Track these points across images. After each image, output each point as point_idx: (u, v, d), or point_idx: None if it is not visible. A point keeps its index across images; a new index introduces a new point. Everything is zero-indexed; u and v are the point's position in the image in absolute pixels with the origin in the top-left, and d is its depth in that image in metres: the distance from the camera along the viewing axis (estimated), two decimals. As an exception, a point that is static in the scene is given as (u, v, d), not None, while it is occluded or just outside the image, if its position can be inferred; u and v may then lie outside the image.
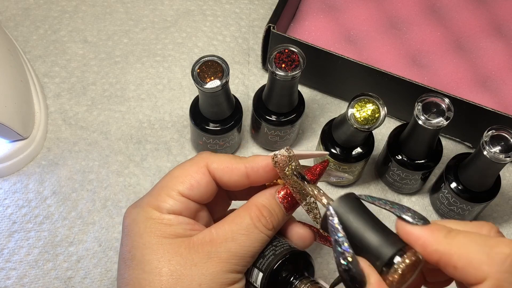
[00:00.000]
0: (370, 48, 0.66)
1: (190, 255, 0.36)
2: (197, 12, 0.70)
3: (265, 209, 0.39)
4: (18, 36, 0.66)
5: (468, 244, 0.31)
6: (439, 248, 0.31)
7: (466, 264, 0.30)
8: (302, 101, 0.58)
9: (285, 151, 0.38)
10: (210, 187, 0.40)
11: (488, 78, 0.65)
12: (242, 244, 0.37)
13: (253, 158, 0.40)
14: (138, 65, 0.66)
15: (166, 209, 0.38)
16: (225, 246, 0.37)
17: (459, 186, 0.54)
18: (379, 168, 0.60)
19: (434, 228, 0.32)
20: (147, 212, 0.38)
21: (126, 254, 0.38)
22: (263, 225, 0.38)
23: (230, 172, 0.39)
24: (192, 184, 0.39)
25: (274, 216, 0.39)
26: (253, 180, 0.40)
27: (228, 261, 0.37)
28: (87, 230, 0.56)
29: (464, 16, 0.69)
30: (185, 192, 0.39)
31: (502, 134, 0.49)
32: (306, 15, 0.67)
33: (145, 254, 0.37)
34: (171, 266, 0.36)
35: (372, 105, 0.50)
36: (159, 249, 0.37)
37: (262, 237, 0.38)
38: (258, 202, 0.39)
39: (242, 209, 0.39)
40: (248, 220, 0.38)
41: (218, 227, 0.38)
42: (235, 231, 0.37)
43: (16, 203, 0.57)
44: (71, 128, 0.61)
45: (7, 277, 0.54)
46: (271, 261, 0.39)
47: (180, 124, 0.62)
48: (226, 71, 0.50)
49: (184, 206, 0.39)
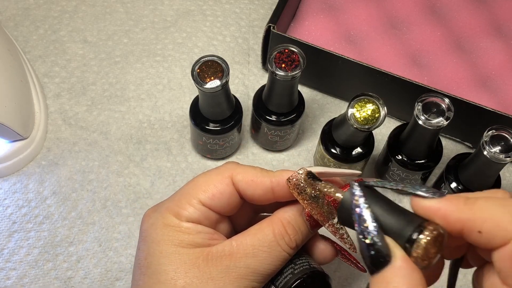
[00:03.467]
0: (370, 48, 0.66)
1: (207, 268, 0.35)
2: (197, 12, 0.70)
3: (290, 226, 0.37)
4: (18, 36, 0.66)
5: (490, 207, 0.30)
6: (461, 216, 0.30)
7: (492, 226, 0.30)
8: (302, 101, 0.58)
9: (299, 174, 0.36)
10: (233, 199, 0.38)
11: (488, 78, 0.65)
12: (263, 261, 0.36)
13: (280, 173, 0.38)
14: (138, 65, 0.66)
15: (185, 217, 0.37)
16: (244, 262, 0.36)
17: (459, 186, 0.54)
18: (379, 168, 0.60)
19: (451, 198, 0.31)
20: (165, 218, 0.37)
21: (142, 261, 0.37)
22: (286, 243, 0.37)
23: (254, 186, 0.38)
24: (214, 194, 0.38)
25: (298, 234, 0.38)
26: (278, 195, 0.38)
27: (246, 277, 0.36)
28: (87, 230, 0.56)
29: (464, 16, 0.69)
30: (206, 202, 0.37)
31: (502, 134, 0.49)
32: (306, 15, 0.67)
33: (161, 263, 0.36)
34: (187, 278, 0.35)
35: (372, 105, 0.50)
36: (176, 259, 0.36)
37: (283, 256, 0.37)
38: (284, 218, 0.37)
39: (266, 223, 0.37)
40: (271, 237, 0.36)
41: (239, 240, 0.37)
42: (256, 247, 0.36)
43: (16, 203, 0.57)
44: (71, 128, 0.61)
45: (7, 277, 0.53)
46: (289, 280, 0.38)
47: (180, 124, 0.62)
48: (226, 71, 0.50)
49: (203, 216, 0.38)
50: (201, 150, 0.60)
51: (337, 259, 0.42)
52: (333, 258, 0.41)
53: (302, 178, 0.36)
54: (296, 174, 0.37)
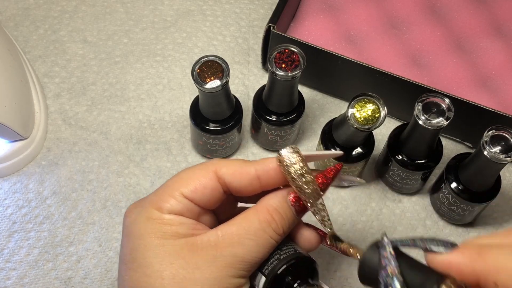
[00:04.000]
0: (370, 48, 0.66)
1: (193, 258, 0.35)
2: (197, 12, 0.70)
3: (276, 213, 0.37)
4: (18, 36, 0.66)
5: (504, 257, 0.30)
6: (475, 268, 0.31)
7: (507, 278, 0.29)
8: (302, 101, 0.58)
9: (289, 148, 0.37)
10: (216, 193, 0.38)
11: (488, 78, 0.65)
12: (249, 249, 0.36)
13: (263, 161, 0.38)
14: (138, 65, 0.66)
15: (167, 209, 0.37)
16: (230, 251, 0.36)
17: (459, 186, 0.54)
18: (379, 168, 0.60)
19: (464, 250, 0.31)
20: (148, 212, 0.37)
21: (127, 256, 0.37)
22: (273, 229, 0.37)
23: (240, 176, 0.38)
24: (197, 187, 0.38)
25: (285, 221, 0.38)
26: (264, 183, 0.38)
27: (233, 266, 0.36)
28: (87, 230, 0.56)
29: (464, 16, 0.69)
30: (188, 194, 0.38)
31: (502, 134, 0.49)
32: (306, 15, 0.67)
33: (146, 256, 0.36)
34: (173, 269, 0.35)
35: (372, 105, 0.50)
36: (161, 251, 0.36)
37: (270, 243, 0.37)
38: (269, 205, 0.38)
39: (251, 212, 0.38)
40: (257, 224, 0.37)
41: (224, 229, 0.37)
42: (242, 235, 0.36)
43: (16, 203, 0.57)
44: (71, 128, 0.61)
45: (7, 277, 0.53)
46: (275, 266, 0.38)
47: (180, 124, 0.62)
48: (226, 71, 0.50)
49: (186, 208, 0.38)
50: (201, 150, 0.60)
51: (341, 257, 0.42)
52: (318, 244, 0.41)
53: (291, 154, 0.37)
54: (284, 151, 0.37)
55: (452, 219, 0.58)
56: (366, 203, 0.60)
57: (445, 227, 0.59)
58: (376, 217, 0.59)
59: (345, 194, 0.60)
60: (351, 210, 0.59)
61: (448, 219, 0.59)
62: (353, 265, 0.56)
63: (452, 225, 0.59)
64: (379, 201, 0.60)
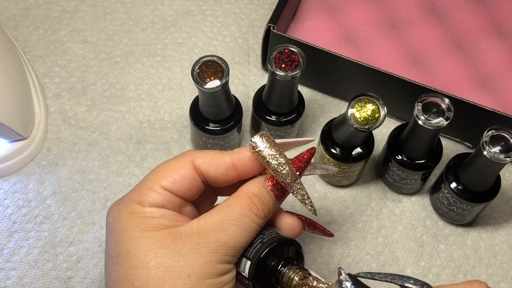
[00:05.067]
0: (370, 48, 0.66)
1: (177, 247, 0.36)
2: (197, 12, 0.70)
3: (256, 197, 0.38)
4: (18, 36, 0.66)
5: None
6: None
7: None
8: (302, 101, 0.58)
9: (261, 135, 0.39)
10: (195, 183, 0.39)
11: (488, 78, 0.65)
12: (232, 234, 0.37)
13: (238, 150, 0.40)
14: (138, 65, 0.66)
15: (148, 202, 0.38)
16: (214, 236, 0.36)
17: (459, 186, 0.54)
18: (379, 168, 0.60)
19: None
20: (129, 207, 0.38)
21: (111, 251, 0.37)
22: (254, 213, 0.38)
23: (216, 165, 0.39)
24: (176, 179, 0.38)
25: (265, 204, 0.38)
26: (240, 172, 0.39)
27: (218, 251, 0.36)
28: (87, 230, 0.56)
29: (464, 16, 0.69)
30: (168, 186, 0.38)
31: (502, 134, 0.49)
32: (306, 15, 0.67)
33: (130, 249, 0.36)
34: (158, 258, 0.35)
35: (372, 105, 0.50)
36: (145, 243, 0.36)
37: (252, 227, 0.38)
38: (248, 191, 0.38)
39: (232, 198, 0.38)
40: (238, 209, 0.37)
41: (206, 217, 0.37)
42: (224, 221, 0.37)
43: (16, 203, 0.57)
44: (71, 128, 0.61)
45: (7, 277, 0.54)
46: (259, 249, 0.38)
47: (180, 124, 0.62)
48: (226, 71, 0.50)
49: (167, 200, 0.38)
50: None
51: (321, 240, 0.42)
52: (301, 230, 0.42)
53: (263, 139, 0.39)
54: (256, 137, 0.39)
55: (452, 219, 0.58)
56: (366, 203, 0.60)
57: (445, 227, 0.59)
58: (376, 217, 0.59)
59: (345, 194, 0.60)
60: (351, 210, 0.59)
61: (448, 219, 0.59)
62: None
63: (452, 225, 0.59)
64: (379, 201, 0.60)
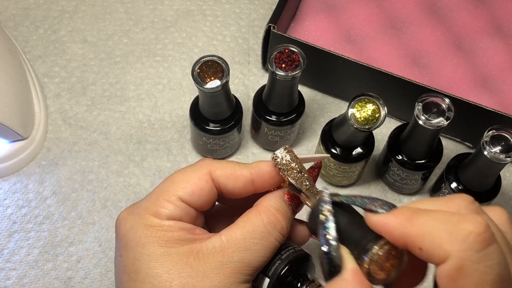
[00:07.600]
0: (370, 48, 0.66)
1: (200, 266, 0.35)
2: (197, 12, 0.70)
3: (280, 213, 0.37)
4: (18, 36, 0.66)
5: (430, 223, 0.29)
6: (403, 231, 0.30)
7: (429, 244, 0.29)
8: (302, 101, 0.58)
9: (284, 149, 0.38)
10: (212, 195, 0.38)
11: (488, 78, 0.65)
12: (257, 254, 0.35)
13: (257, 164, 0.38)
14: (138, 65, 0.66)
15: (165, 215, 0.36)
16: (238, 256, 0.35)
17: (459, 186, 0.54)
18: (379, 168, 0.60)
19: (397, 213, 0.31)
20: (145, 219, 0.36)
21: (129, 267, 0.36)
22: (279, 231, 0.37)
23: (235, 179, 0.38)
24: (193, 191, 0.37)
25: (287, 220, 0.37)
26: (258, 186, 0.38)
27: (241, 271, 0.35)
28: (87, 230, 0.56)
29: (464, 16, 0.69)
30: (186, 198, 0.37)
31: (502, 134, 0.49)
32: (306, 15, 0.67)
33: (151, 267, 0.35)
34: (182, 278, 0.34)
35: (372, 105, 0.50)
36: (167, 261, 0.35)
37: (275, 245, 0.37)
38: (271, 206, 0.37)
39: (254, 214, 0.37)
40: (262, 228, 0.36)
41: (229, 234, 0.36)
42: (247, 240, 0.35)
43: (16, 203, 0.57)
44: (71, 128, 0.61)
45: (7, 277, 0.53)
46: (278, 266, 0.38)
47: (180, 124, 0.62)
48: (226, 71, 0.50)
49: (184, 212, 0.37)
50: (201, 150, 0.60)
51: None
52: (309, 238, 0.41)
53: (287, 154, 0.38)
54: (279, 152, 0.38)
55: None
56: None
57: (445, 227, 0.59)
58: (376, 217, 0.59)
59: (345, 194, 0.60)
60: (351, 210, 0.59)
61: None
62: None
63: (452, 225, 0.59)
64: (379, 201, 0.60)
